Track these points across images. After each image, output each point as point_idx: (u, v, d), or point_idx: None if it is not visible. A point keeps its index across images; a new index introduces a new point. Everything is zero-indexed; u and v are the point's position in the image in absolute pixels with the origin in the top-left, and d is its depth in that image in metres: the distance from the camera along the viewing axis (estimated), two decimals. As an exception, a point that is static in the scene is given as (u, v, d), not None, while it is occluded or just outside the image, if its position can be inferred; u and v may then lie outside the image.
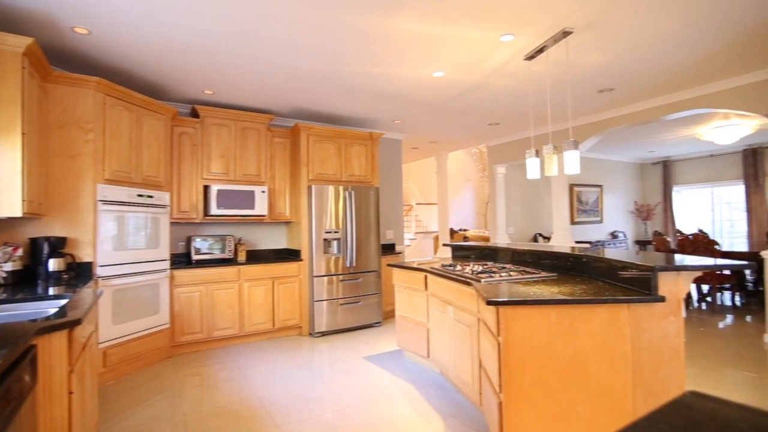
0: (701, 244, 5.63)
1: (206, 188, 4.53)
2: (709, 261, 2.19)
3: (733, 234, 9.12)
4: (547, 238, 7.97)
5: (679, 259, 2.34)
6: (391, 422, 2.65)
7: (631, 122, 5.24)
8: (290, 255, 5.14)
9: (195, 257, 4.47)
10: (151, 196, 3.82)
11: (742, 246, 8.76)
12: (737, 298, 6.02)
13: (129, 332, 3.55)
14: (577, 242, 6.90)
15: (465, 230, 10.35)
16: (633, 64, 3.82)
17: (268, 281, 4.62)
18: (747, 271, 5.89)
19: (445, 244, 4.84)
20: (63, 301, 2.31)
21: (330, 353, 4.10)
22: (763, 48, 3.51)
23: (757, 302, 5.80)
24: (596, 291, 2.16)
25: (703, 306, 5.74)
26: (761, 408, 0.64)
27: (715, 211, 9.43)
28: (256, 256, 5.07)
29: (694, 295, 6.09)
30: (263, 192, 4.75)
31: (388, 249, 6.03)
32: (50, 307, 2.25)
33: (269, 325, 4.60)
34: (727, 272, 5.62)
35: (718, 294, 6.28)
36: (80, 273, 3.21)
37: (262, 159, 4.87)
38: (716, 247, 5.55)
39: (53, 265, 2.97)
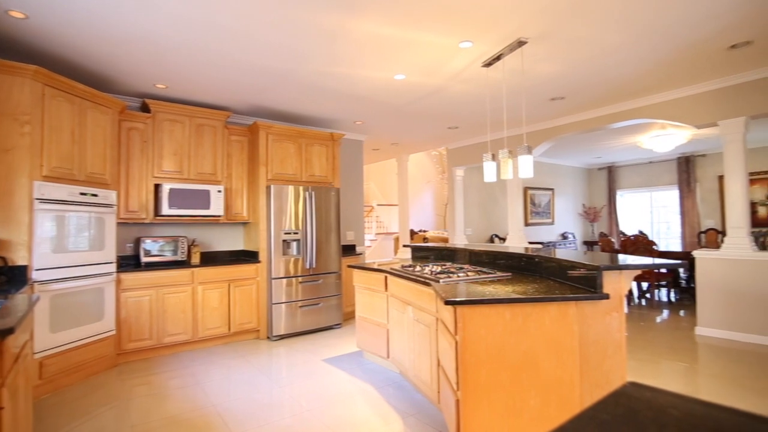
0: (641, 244, 6.04)
1: (157, 187, 4.32)
2: (647, 260, 2.36)
3: (669, 235, 9.86)
4: (503, 239, 8.25)
5: (622, 258, 2.50)
6: (350, 424, 2.64)
7: (580, 129, 5.53)
8: (248, 257, 5.00)
9: (144, 259, 4.24)
10: (95, 195, 3.59)
11: (676, 246, 9.47)
12: (672, 294, 6.51)
13: (69, 341, 3.31)
14: (531, 243, 7.18)
15: (425, 231, 10.51)
16: (582, 75, 4.04)
17: (223, 284, 4.47)
18: (681, 269, 6.38)
19: (405, 245, 4.89)
20: (-7, 308, 2.12)
21: (289, 357, 4.03)
22: (692, 66, 3.82)
23: (689, 298, 6.29)
24: (547, 290, 2.27)
25: (643, 302, 6.16)
26: (692, 396, 0.70)
27: (653, 213, 10.16)
28: (212, 258, 4.89)
29: (635, 292, 6.52)
30: (219, 191, 4.60)
31: (349, 250, 6.02)
32: (-22, 315, 2.06)
33: (225, 330, 4.46)
34: (663, 271, 6.06)
35: (656, 291, 6.76)
36: (13, 278, 2.96)
37: (219, 157, 4.71)
38: (654, 247, 5.97)
39: (-18, 268, 2.72)
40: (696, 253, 4.50)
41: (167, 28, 2.95)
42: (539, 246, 4.33)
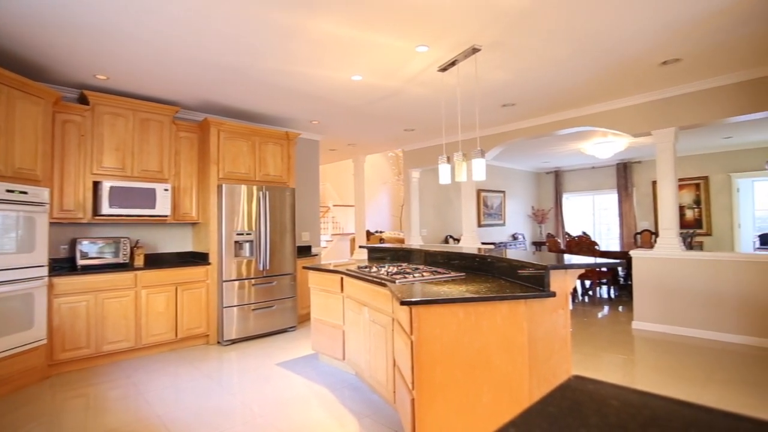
0: (584, 244, 6.41)
1: (97, 185, 4.04)
2: (590, 260, 2.50)
3: (609, 236, 10.54)
4: (457, 240, 8.46)
5: (567, 258, 2.64)
6: (304, 428, 2.59)
7: (529, 135, 5.78)
8: (197, 258, 4.78)
9: (81, 262, 3.94)
10: (24, 192, 3.29)
11: (615, 246, 10.14)
12: (612, 291, 6.96)
13: (-8, 352, 3.01)
14: (483, 243, 7.42)
15: (381, 232, 10.56)
16: (532, 83, 4.22)
17: (170, 287, 4.25)
18: (620, 268, 6.84)
19: (361, 246, 4.88)
20: None
21: (240, 361, 3.90)
22: (630, 79, 4.11)
23: (627, 294, 6.75)
24: (499, 289, 2.35)
25: (586, 299, 6.53)
26: (630, 386, 0.75)
27: (595, 215, 10.83)
28: (157, 260, 4.64)
29: (579, 290, 6.90)
30: (166, 190, 4.37)
31: (304, 251, 5.92)
32: None
33: (171, 336, 4.23)
34: (604, 269, 6.46)
35: (598, 288, 7.20)
36: (-76, 283, 2.65)
37: (166, 154, 4.48)
38: (596, 247, 6.35)
39: None
40: (633, 253, 4.84)
41: (110, 15, 2.76)
42: (491, 246, 4.48)
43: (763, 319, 4.00)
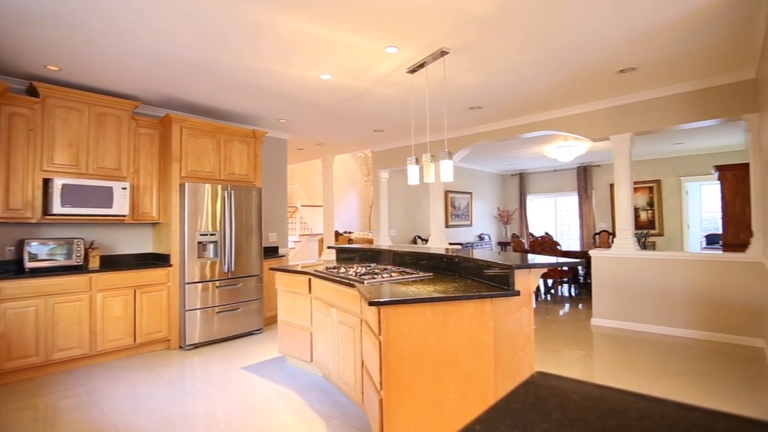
0: (547, 244, 6.63)
1: (47, 182, 3.80)
2: (552, 260, 2.59)
3: (570, 236, 10.95)
4: (425, 240, 8.54)
5: (531, 258, 2.72)
6: (271, 433, 2.54)
7: (495, 138, 5.92)
8: (158, 260, 4.60)
9: (29, 265, 3.70)
10: (-36, 190, 3.06)
11: (576, 246, 10.54)
12: (573, 290, 7.23)
13: (-74, 362, 2.78)
14: (451, 244, 7.54)
15: (350, 232, 10.52)
16: (498, 87, 4.32)
17: (128, 290, 4.06)
18: (580, 267, 7.12)
19: (329, 247, 4.84)
20: None
21: (204, 366, 3.78)
22: (590, 85, 4.28)
23: (587, 292, 7.03)
24: (466, 288, 2.38)
25: (548, 297, 6.76)
26: (589, 380, 0.77)
27: (557, 216, 11.22)
28: (114, 262, 4.42)
29: (542, 289, 7.13)
30: (124, 189, 4.17)
31: (271, 252, 5.81)
32: None
33: (129, 341, 4.05)
34: (566, 268, 6.70)
35: (559, 286, 7.46)
36: None
37: (124, 151, 4.28)
38: (558, 247, 6.58)
39: None
40: (592, 253, 5.04)
41: (60, 2, 2.61)
42: (459, 247, 4.56)
43: (709, 314, 4.27)
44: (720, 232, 6.37)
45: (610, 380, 3.30)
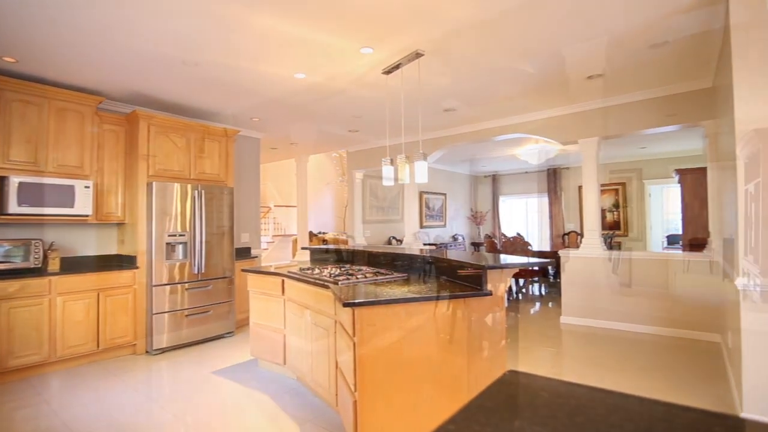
0: (519, 245, 6.77)
1: (3, 180, 3.59)
2: (524, 260, 2.65)
3: (540, 237, 11.23)
4: (400, 241, 8.57)
5: (503, 258, 2.77)
6: (242, 438, 2.48)
7: (469, 140, 6.01)
8: (123, 262, 4.42)
9: (-18, 267, 3.49)
10: None
11: (546, 246, 10.82)
12: (543, 289, 7.42)
13: None
14: (426, 244, 7.59)
15: (324, 233, 10.44)
16: (472, 90, 4.39)
17: (91, 294, 3.89)
18: (550, 267, 7.31)
19: (303, 248, 4.79)
20: None
21: (172, 372, 3.66)
22: (560, 90, 4.40)
23: (556, 291, 7.22)
24: (440, 288, 2.40)
25: (520, 296, 6.91)
26: (558, 377, 0.79)
27: (528, 217, 11.50)
28: (76, 265, 4.22)
29: (513, 288, 7.28)
30: (87, 187, 3.99)
31: (244, 253, 5.69)
32: None
33: (92, 346, 3.87)
34: (536, 268, 6.87)
35: (530, 286, 7.64)
36: None
37: (87, 148, 4.09)
38: (529, 247, 6.74)
39: None
40: (561, 253, 5.19)
41: (18, -9, 2.48)
42: (433, 247, 4.59)
43: (670, 311, 4.47)
44: (680, 232, 6.68)
45: (578, 377, 3.40)
